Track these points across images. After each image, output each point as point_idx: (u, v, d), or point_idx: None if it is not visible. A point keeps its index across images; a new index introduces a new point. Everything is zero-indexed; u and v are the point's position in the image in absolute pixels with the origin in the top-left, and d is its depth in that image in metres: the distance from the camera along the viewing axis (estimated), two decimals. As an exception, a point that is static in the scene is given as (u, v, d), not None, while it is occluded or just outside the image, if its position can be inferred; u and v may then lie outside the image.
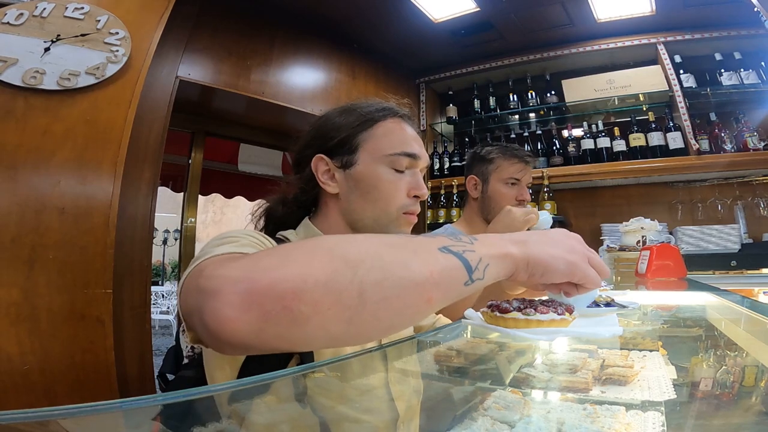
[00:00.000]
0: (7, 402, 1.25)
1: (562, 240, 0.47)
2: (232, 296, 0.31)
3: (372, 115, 0.70)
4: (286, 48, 2.37)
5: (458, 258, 0.39)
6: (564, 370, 0.58)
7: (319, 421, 0.38)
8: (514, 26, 2.60)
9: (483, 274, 0.40)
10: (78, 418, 0.25)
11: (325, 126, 0.72)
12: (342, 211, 0.70)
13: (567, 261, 0.44)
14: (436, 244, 0.40)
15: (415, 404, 0.51)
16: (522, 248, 0.44)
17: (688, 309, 0.97)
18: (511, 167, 1.28)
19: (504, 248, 0.43)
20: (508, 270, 0.43)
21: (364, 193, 0.68)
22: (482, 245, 0.42)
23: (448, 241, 0.40)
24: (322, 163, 0.70)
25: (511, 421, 0.44)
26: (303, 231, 0.71)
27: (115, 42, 1.56)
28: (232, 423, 0.32)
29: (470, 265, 0.39)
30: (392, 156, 0.68)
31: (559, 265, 0.44)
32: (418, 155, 0.71)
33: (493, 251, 0.42)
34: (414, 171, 0.71)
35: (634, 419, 0.45)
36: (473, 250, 0.40)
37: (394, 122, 0.72)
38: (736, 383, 0.57)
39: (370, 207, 0.68)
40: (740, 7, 1.97)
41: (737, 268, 2.11)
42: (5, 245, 1.31)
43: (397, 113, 0.73)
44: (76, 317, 1.38)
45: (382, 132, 0.70)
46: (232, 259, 0.37)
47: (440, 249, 0.39)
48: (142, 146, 1.69)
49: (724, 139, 2.32)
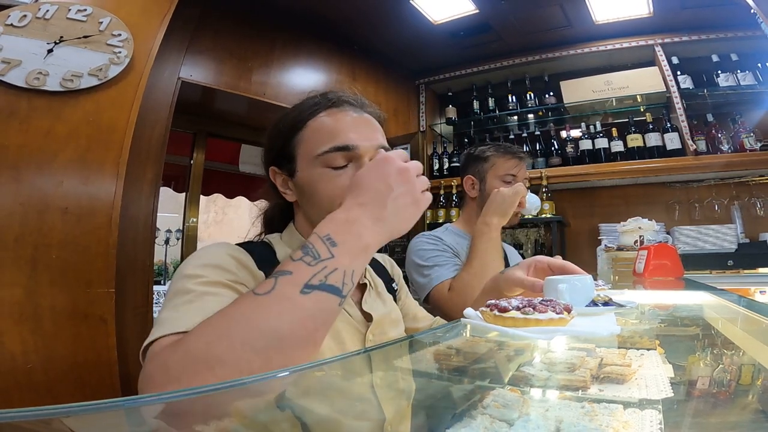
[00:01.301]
0: (11, 400, 1.25)
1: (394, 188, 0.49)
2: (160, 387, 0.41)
3: (301, 116, 0.66)
4: (287, 49, 2.38)
5: (323, 290, 0.42)
6: (562, 368, 0.58)
7: (301, 424, 0.39)
8: (512, 28, 2.62)
9: (351, 282, 0.44)
10: (81, 416, 0.25)
11: (269, 135, 0.70)
12: (305, 216, 0.69)
13: (411, 200, 0.50)
14: (298, 286, 0.42)
15: (405, 406, 0.51)
16: (379, 229, 0.48)
17: (685, 308, 0.97)
18: (507, 164, 1.30)
19: (362, 241, 0.46)
20: (368, 259, 0.47)
21: (310, 198, 0.65)
22: (342, 250, 0.44)
23: (306, 272, 0.43)
24: (277, 174, 0.69)
25: (510, 419, 0.44)
26: (287, 235, 0.71)
27: (117, 44, 1.56)
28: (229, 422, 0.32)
29: (337, 288, 0.43)
30: (323, 156, 0.62)
31: (412, 211, 0.49)
32: (352, 145, 0.61)
33: (353, 254, 0.45)
34: (359, 163, 0.62)
35: (631, 417, 0.45)
36: (336, 267, 0.43)
37: (326, 115, 0.65)
38: (733, 382, 0.57)
39: (318, 211, 0.62)
40: (737, 9, 1.98)
41: (734, 267, 2.12)
42: (9, 245, 1.31)
43: (330, 102, 0.66)
44: (78, 316, 1.39)
45: (310, 132, 0.65)
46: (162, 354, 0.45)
47: (302, 291, 0.42)
48: (145, 147, 1.70)
49: (721, 140, 2.33)
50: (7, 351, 1.26)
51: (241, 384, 0.33)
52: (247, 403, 0.35)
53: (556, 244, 2.52)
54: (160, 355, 0.45)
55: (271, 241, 0.70)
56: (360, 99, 0.70)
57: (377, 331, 0.68)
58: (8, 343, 1.27)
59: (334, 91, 0.69)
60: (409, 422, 0.49)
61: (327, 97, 0.67)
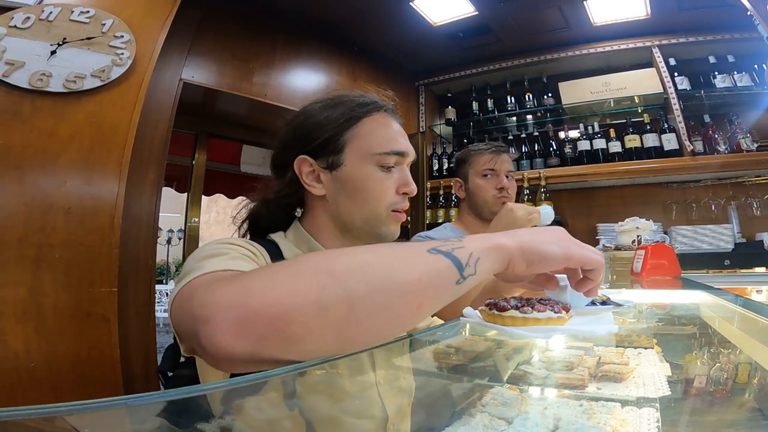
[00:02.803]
0: (15, 398, 1.26)
1: (551, 232, 0.47)
2: (225, 324, 0.32)
3: (356, 111, 0.67)
4: (288, 51, 2.39)
5: (447, 257, 0.39)
6: (561, 367, 0.59)
7: (306, 422, 0.38)
8: (511, 30, 2.63)
9: (475, 269, 0.40)
10: (84, 414, 0.25)
11: (306, 125, 0.68)
12: (330, 213, 0.67)
13: (561, 245, 0.44)
14: (425, 246, 0.39)
15: (406, 405, 0.51)
16: (513, 239, 0.43)
17: (682, 307, 0.97)
18: (482, 158, 1.33)
19: (495, 240, 0.42)
20: (502, 261, 0.42)
21: (352, 194, 0.65)
22: (472, 240, 0.41)
23: (437, 243, 0.40)
24: (306, 165, 0.66)
25: (508, 418, 0.45)
26: (292, 234, 0.69)
27: (120, 45, 1.58)
28: (232, 420, 0.32)
29: (460, 262, 0.39)
30: (380, 155, 0.65)
31: (554, 249, 0.43)
32: (406, 152, 0.67)
33: (484, 245, 0.41)
34: (401, 167, 0.68)
35: (629, 415, 0.46)
36: (462, 246, 0.40)
37: (380, 117, 0.68)
38: (729, 380, 0.58)
39: (358, 208, 0.65)
40: (734, 10, 1.99)
41: (731, 267, 2.13)
42: (12, 245, 1.32)
43: (381, 107, 0.69)
44: (81, 315, 1.40)
45: (368, 129, 0.66)
46: (221, 281, 0.37)
47: (429, 251, 0.39)
48: (147, 147, 1.71)
49: (717, 141, 2.35)
50: (11, 349, 1.27)
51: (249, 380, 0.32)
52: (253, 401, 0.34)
53: (554, 244, 2.53)
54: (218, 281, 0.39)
55: (276, 240, 0.67)
56: (398, 113, 0.74)
57: None
58: (12, 341, 1.28)
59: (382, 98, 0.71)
60: (410, 420, 0.50)
61: (378, 103, 0.69)
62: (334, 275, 0.35)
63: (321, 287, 0.34)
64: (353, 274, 0.35)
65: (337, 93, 0.71)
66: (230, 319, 0.32)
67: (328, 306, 0.33)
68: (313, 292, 0.33)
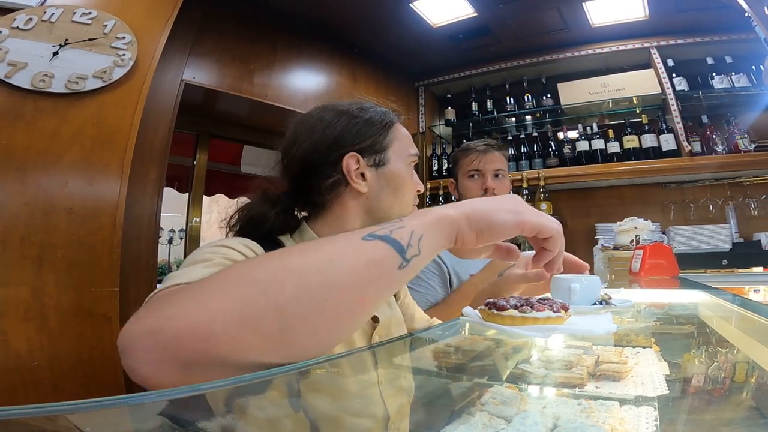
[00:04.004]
0: (17, 397, 1.27)
1: (503, 199, 0.45)
2: (141, 353, 0.30)
3: (389, 116, 0.74)
4: (289, 52, 2.40)
5: (385, 241, 0.36)
6: (559, 366, 0.60)
7: (308, 421, 0.38)
8: (510, 31, 2.65)
9: (418, 248, 0.37)
10: (86, 413, 0.25)
11: (353, 125, 0.70)
12: (365, 210, 0.69)
13: (512, 210, 0.42)
14: (359, 233, 0.37)
15: (406, 404, 0.50)
16: (459, 209, 0.42)
17: (680, 307, 0.98)
18: (466, 159, 1.32)
19: (437, 213, 0.41)
20: (448, 234, 0.40)
21: (394, 190, 0.70)
22: (413, 218, 0.39)
23: (374, 227, 0.38)
24: (354, 161, 0.68)
25: (508, 416, 0.45)
26: (299, 236, 0.70)
27: (121, 46, 1.58)
28: (234, 419, 0.32)
29: (400, 244, 0.36)
30: (411, 156, 0.73)
31: (504, 216, 0.41)
32: (418, 156, 0.76)
33: (425, 220, 0.39)
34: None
35: (627, 414, 0.46)
36: (402, 226, 0.38)
37: (401, 124, 0.76)
38: (727, 379, 0.58)
39: (397, 204, 0.70)
40: (731, 12, 2.00)
41: (728, 266, 2.14)
42: (15, 244, 1.33)
43: (400, 116, 0.77)
44: (83, 315, 1.40)
45: (401, 133, 0.74)
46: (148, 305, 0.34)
47: (363, 238, 0.36)
48: (148, 148, 1.72)
49: (715, 141, 2.36)
50: (13, 349, 1.27)
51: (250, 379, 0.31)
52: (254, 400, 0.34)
53: (553, 243, 2.55)
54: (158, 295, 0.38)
55: (283, 241, 0.68)
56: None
57: (383, 332, 0.69)
58: (14, 341, 1.28)
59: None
60: (409, 419, 0.50)
61: (399, 111, 0.77)
62: (259, 284, 0.32)
63: (245, 300, 0.31)
64: (279, 279, 0.33)
65: (360, 100, 0.76)
66: (146, 349, 0.30)
67: (256, 318, 0.31)
68: (236, 306, 0.31)
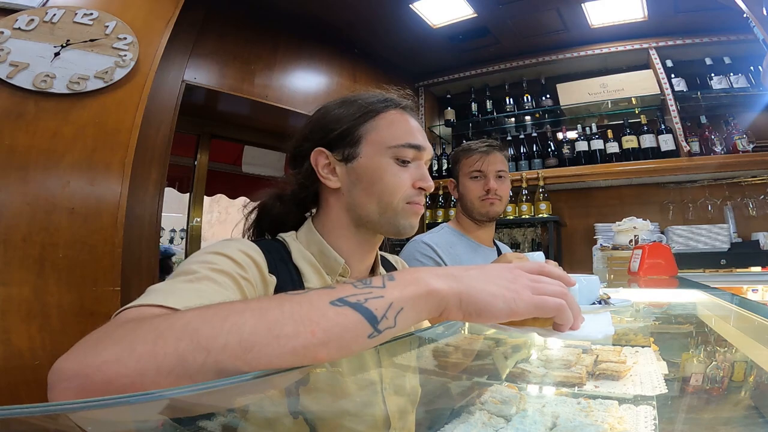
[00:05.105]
0: (19, 396, 1.27)
1: (500, 273, 0.40)
2: (66, 395, 0.30)
3: (374, 106, 0.67)
4: (289, 53, 2.41)
5: (355, 309, 0.34)
6: (559, 365, 0.60)
7: (309, 421, 0.37)
8: (510, 32, 2.66)
9: (394, 321, 0.35)
10: (87, 411, 0.25)
11: (324, 118, 0.68)
12: (345, 206, 0.67)
13: (506, 297, 0.38)
14: (330, 296, 0.35)
15: (408, 403, 0.50)
16: (452, 282, 0.38)
17: (679, 306, 0.99)
18: (469, 160, 1.32)
19: (426, 285, 0.37)
20: (431, 309, 0.37)
21: (367, 186, 0.65)
22: (397, 286, 0.36)
23: (350, 290, 0.36)
24: (322, 157, 0.66)
25: (507, 415, 0.45)
26: (304, 235, 0.68)
27: (123, 47, 1.59)
28: (235, 418, 0.32)
29: (373, 314, 0.34)
30: (396, 147, 0.65)
31: (497, 303, 0.38)
32: (423, 146, 0.67)
33: (409, 291, 0.36)
34: (419, 163, 0.68)
35: (626, 413, 0.46)
36: (382, 296, 0.35)
37: (397, 113, 0.69)
38: (725, 378, 0.58)
39: (374, 201, 0.65)
40: (730, 13, 2.01)
41: (727, 266, 2.15)
42: (17, 244, 1.33)
43: (399, 104, 0.70)
44: (85, 314, 1.40)
45: (385, 123, 0.67)
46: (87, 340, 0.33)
47: (333, 302, 0.34)
48: (150, 148, 1.73)
49: (714, 142, 2.37)
50: (15, 348, 1.28)
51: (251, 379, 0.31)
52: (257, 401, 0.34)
53: (552, 243, 2.56)
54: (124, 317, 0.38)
55: (286, 240, 0.67)
56: (416, 112, 0.74)
57: None
58: (16, 340, 1.29)
59: (400, 97, 0.72)
60: (411, 418, 0.50)
61: (395, 100, 0.70)
62: (199, 341, 0.31)
63: (180, 357, 0.30)
64: (221, 338, 0.31)
65: (356, 92, 0.72)
66: (71, 391, 0.30)
67: (191, 374, 0.30)
68: (169, 361, 0.30)
